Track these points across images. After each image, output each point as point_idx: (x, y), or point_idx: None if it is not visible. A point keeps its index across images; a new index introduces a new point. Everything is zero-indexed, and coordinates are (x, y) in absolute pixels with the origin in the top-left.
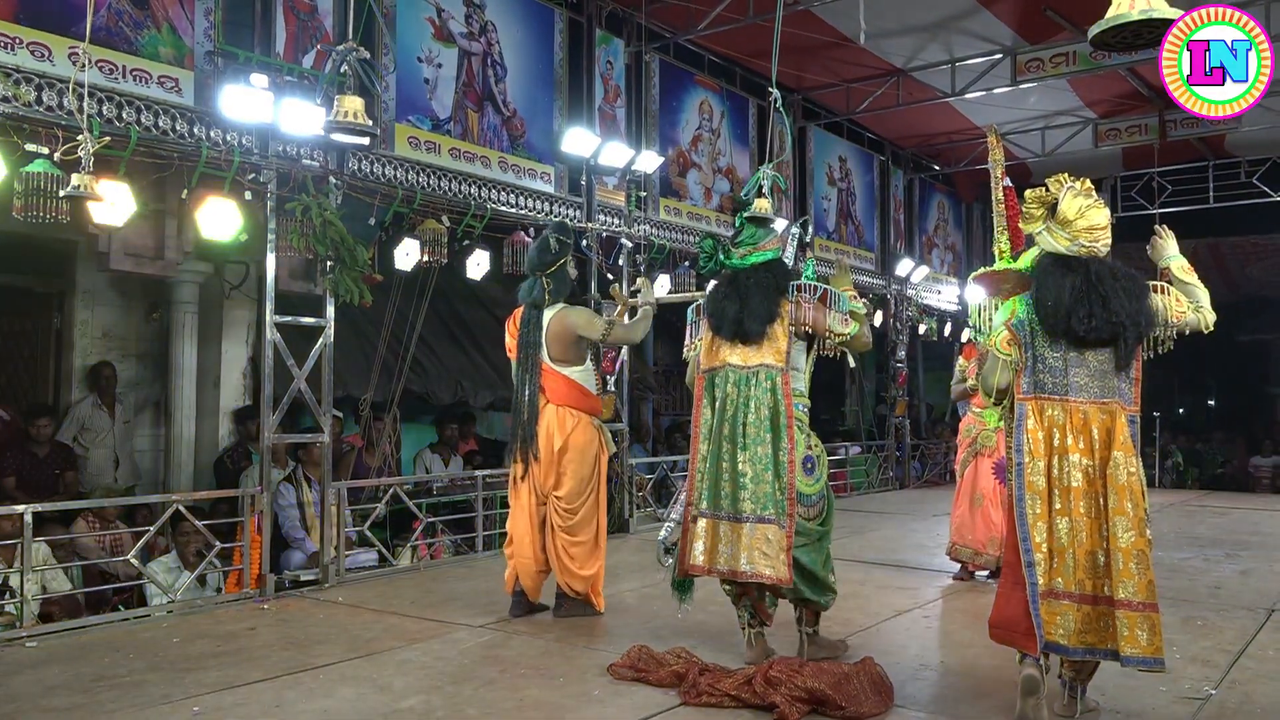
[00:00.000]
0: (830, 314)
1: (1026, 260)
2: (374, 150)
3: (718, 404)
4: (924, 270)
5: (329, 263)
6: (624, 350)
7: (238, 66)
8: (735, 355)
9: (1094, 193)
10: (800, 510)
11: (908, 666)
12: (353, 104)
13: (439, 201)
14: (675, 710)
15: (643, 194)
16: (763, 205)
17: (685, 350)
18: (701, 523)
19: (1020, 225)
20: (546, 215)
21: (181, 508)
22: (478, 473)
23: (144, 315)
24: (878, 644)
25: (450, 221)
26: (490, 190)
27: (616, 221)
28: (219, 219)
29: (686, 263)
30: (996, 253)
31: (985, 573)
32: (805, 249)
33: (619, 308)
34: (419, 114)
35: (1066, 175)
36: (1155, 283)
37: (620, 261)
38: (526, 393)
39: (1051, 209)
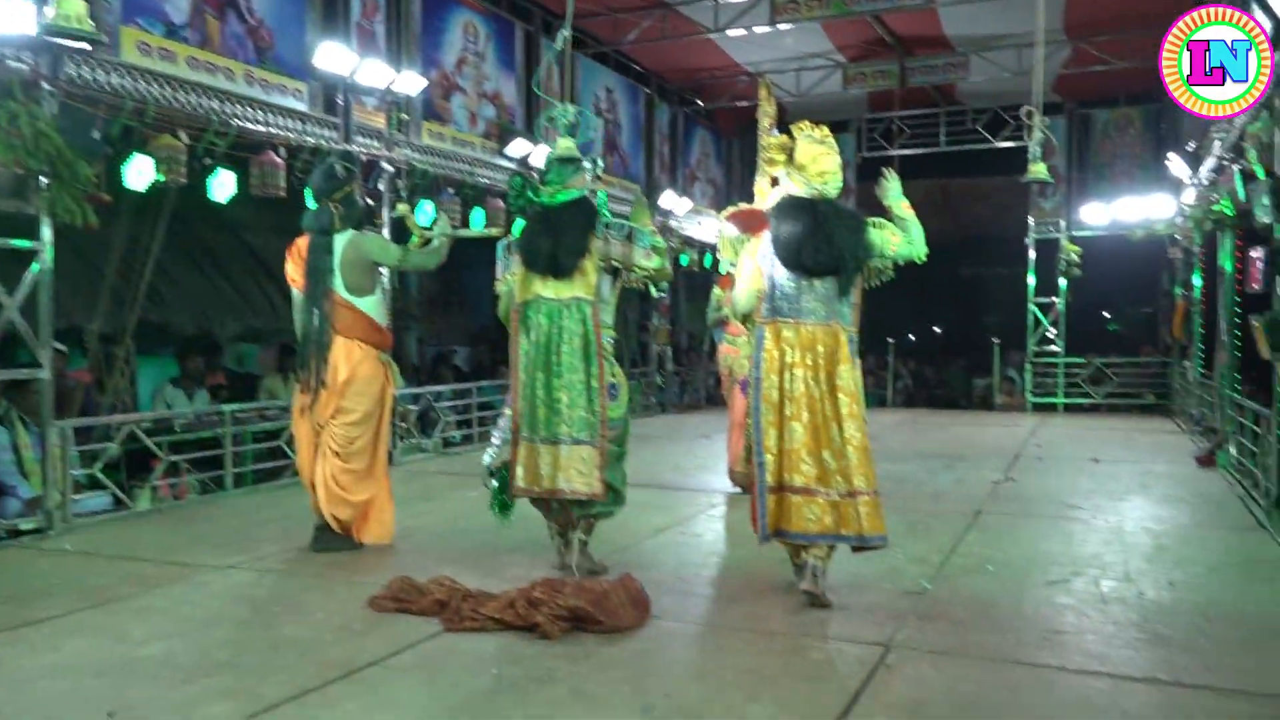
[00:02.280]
0: (635, 249)
1: (771, 200)
2: (97, 56)
3: (532, 335)
4: (687, 203)
5: (43, 179)
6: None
7: None
8: (548, 289)
9: (829, 139)
10: (605, 432)
11: (665, 581)
12: (73, 6)
13: (175, 115)
14: (438, 637)
15: (404, 117)
16: (566, 145)
17: (497, 284)
18: (524, 447)
19: (766, 168)
20: (299, 134)
21: None
22: (225, 407)
23: None
24: (637, 561)
25: (189, 138)
26: (235, 105)
27: (377, 145)
28: None
29: (450, 189)
30: (758, 193)
31: None
32: (598, 181)
33: (417, 238)
34: (149, 17)
35: (807, 123)
36: (874, 219)
37: (381, 186)
38: (315, 323)
39: (791, 154)
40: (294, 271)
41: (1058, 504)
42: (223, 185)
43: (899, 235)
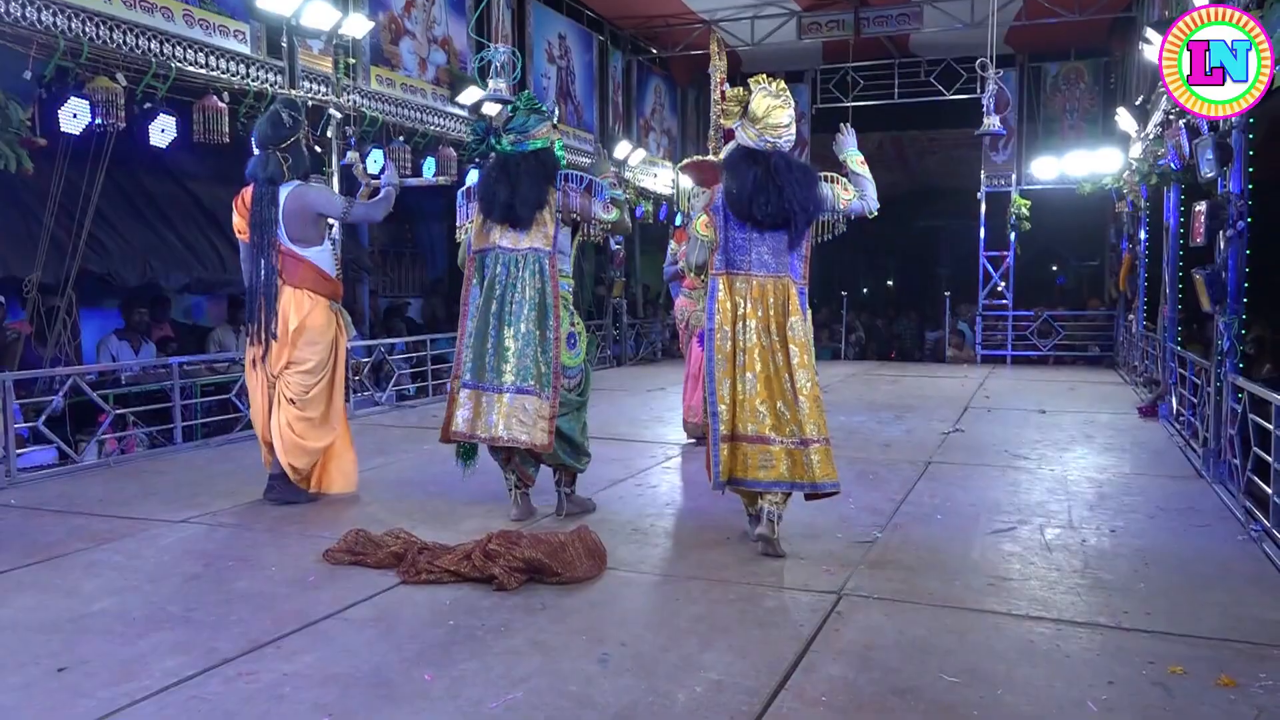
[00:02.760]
0: (595, 202)
1: (725, 152)
2: None
3: (486, 282)
4: (641, 153)
5: None
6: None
7: None
8: (505, 238)
9: (785, 94)
10: (562, 382)
11: (621, 531)
12: None
13: (111, 57)
14: (394, 589)
15: (351, 60)
16: (530, 96)
17: (458, 231)
18: (465, 393)
19: (720, 120)
20: (243, 78)
21: None
22: (173, 360)
23: None
24: (593, 513)
25: (127, 81)
26: (174, 47)
27: (323, 90)
28: None
29: (400, 137)
30: (711, 148)
31: None
32: (554, 130)
33: (364, 188)
34: None
35: (765, 76)
36: (826, 173)
37: (329, 134)
38: (263, 274)
39: (746, 107)
40: (240, 223)
41: (1005, 454)
42: (163, 130)
43: (851, 190)
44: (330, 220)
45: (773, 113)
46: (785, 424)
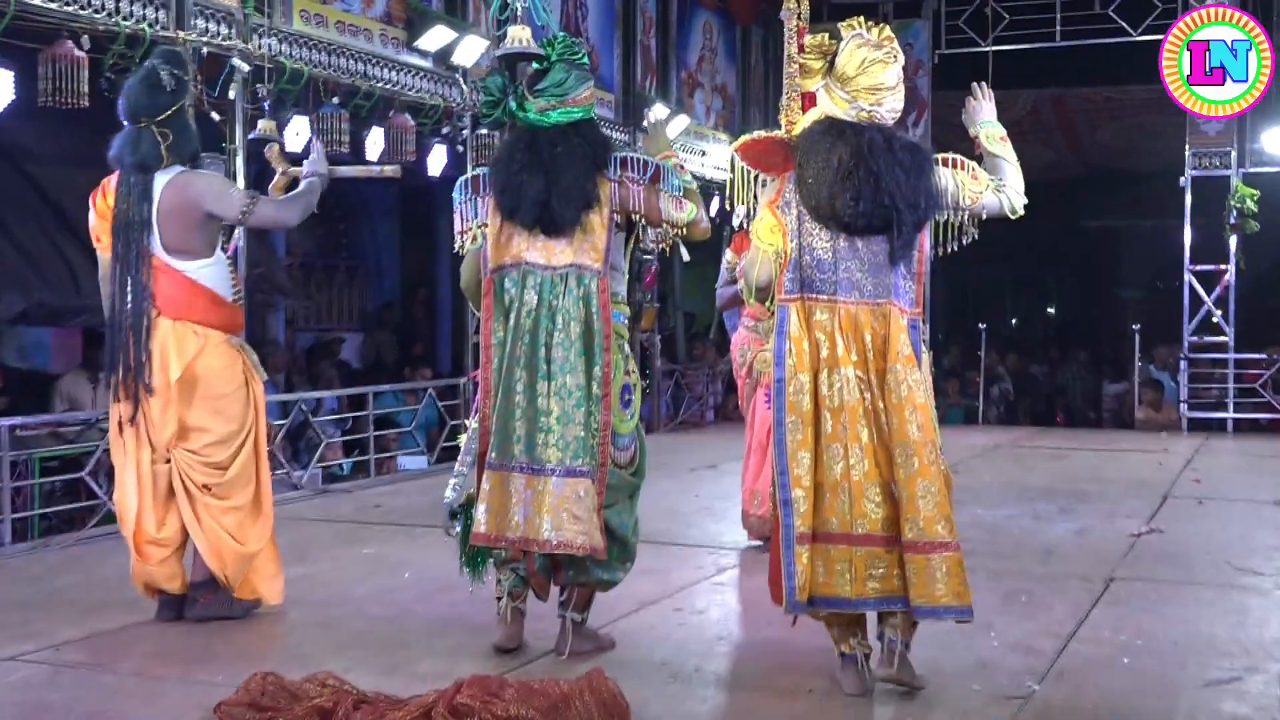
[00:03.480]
0: (664, 196)
1: (800, 126)
2: None
3: (513, 317)
4: (683, 120)
5: None
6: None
7: None
8: (536, 250)
9: (890, 44)
10: (613, 454)
11: (652, 678)
12: None
13: None
14: None
15: None
16: (567, 42)
17: (458, 240)
18: (488, 478)
19: (799, 80)
20: (110, 16)
21: None
22: (1, 421)
23: None
24: (614, 649)
25: None
26: None
27: (226, 31)
28: None
29: (336, 99)
30: (784, 120)
31: None
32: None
33: (277, 177)
34: None
35: (859, 19)
36: (945, 155)
37: (232, 94)
38: (129, 299)
39: (833, 61)
40: (98, 225)
41: (1225, 567)
42: None
43: (982, 178)
44: (225, 223)
45: (870, 69)
46: (892, 518)
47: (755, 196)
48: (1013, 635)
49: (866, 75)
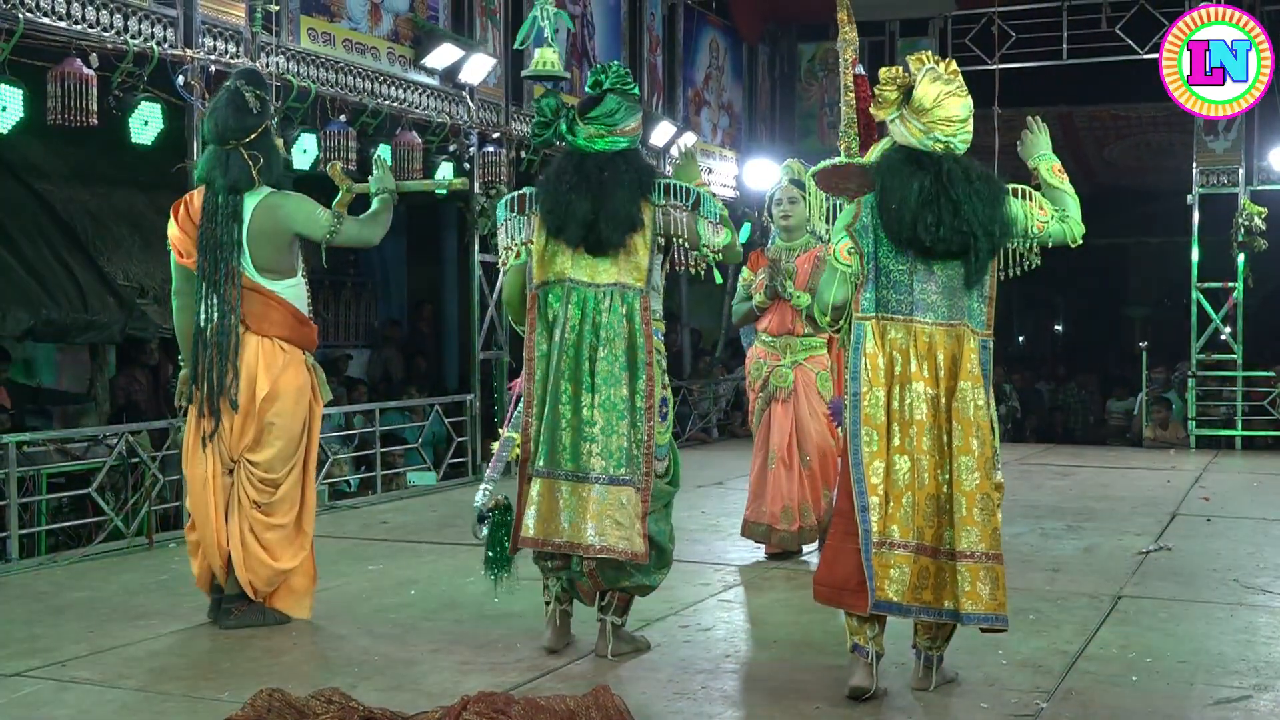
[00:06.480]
0: (703, 222)
1: (876, 153)
2: None
3: (557, 333)
4: (690, 137)
5: None
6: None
7: None
8: (580, 269)
9: (959, 79)
10: (654, 466)
11: (658, 696)
12: None
13: None
14: None
15: (274, 7)
16: (622, 73)
17: (502, 256)
18: (536, 484)
19: (872, 110)
20: (117, 35)
21: None
22: (8, 438)
23: None
24: (619, 666)
25: None
26: None
27: (233, 49)
28: None
29: (343, 117)
30: (843, 149)
31: (814, 546)
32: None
33: (341, 194)
34: None
35: (929, 54)
36: (1015, 186)
37: None
38: (218, 316)
39: (908, 94)
40: (182, 241)
41: (1233, 585)
42: (3, 109)
43: (1048, 209)
44: (313, 243)
45: (945, 102)
46: (942, 529)
47: (820, 215)
48: (1021, 653)
49: (942, 108)
